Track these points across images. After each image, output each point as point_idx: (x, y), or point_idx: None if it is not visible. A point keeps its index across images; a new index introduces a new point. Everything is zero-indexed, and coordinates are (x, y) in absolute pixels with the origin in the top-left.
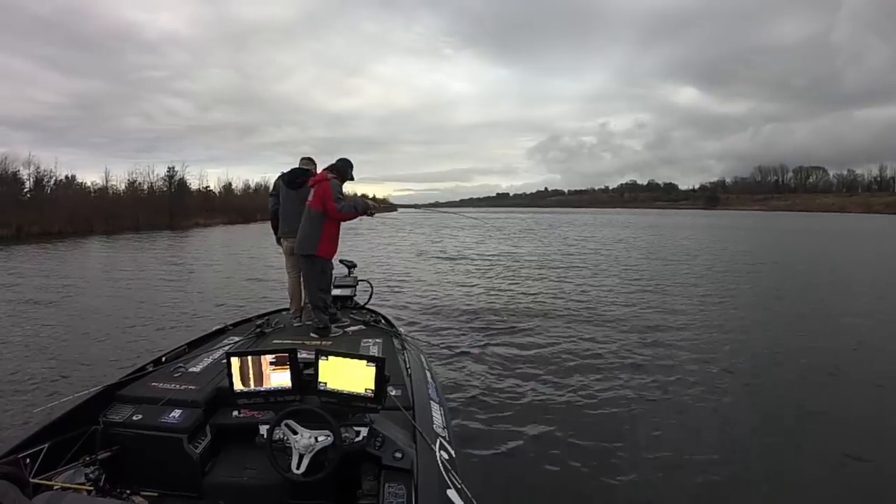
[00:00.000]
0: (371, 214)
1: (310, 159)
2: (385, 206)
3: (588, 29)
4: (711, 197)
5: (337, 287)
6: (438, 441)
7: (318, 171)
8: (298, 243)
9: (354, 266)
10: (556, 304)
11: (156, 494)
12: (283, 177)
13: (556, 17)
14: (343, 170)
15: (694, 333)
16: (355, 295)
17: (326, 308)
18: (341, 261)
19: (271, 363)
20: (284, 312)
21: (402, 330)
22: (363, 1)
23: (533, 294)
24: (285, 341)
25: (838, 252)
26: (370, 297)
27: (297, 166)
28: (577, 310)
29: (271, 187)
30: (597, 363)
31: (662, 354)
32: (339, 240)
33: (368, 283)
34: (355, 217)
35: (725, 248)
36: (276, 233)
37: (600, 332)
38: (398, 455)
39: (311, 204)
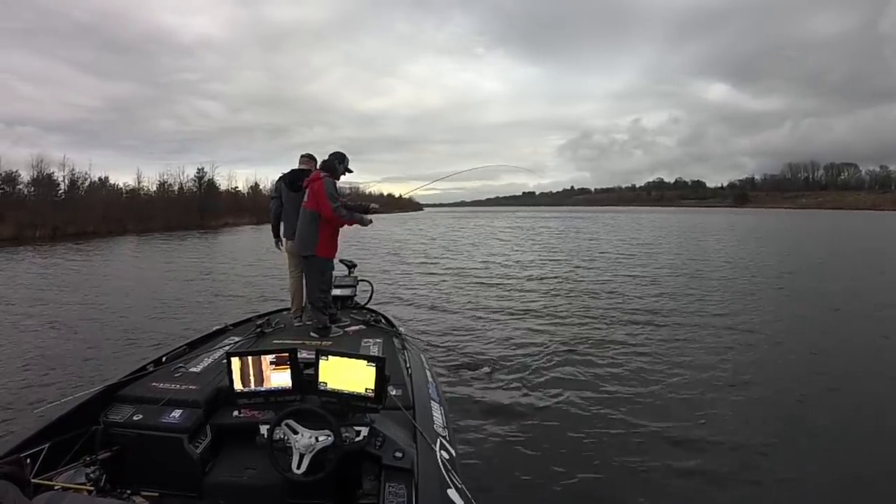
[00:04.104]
0: (365, 223)
1: (310, 157)
2: (392, 204)
3: (619, 26)
4: (740, 195)
5: (337, 287)
6: (439, 441)
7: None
8: (297, 244)
9: (354, 266)
10: (558, 305)
11: (156, 494)
12: (283, 178)
13: (586, 16)
14: (333, 165)
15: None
16: (355, 295)
17: (326, 308)
18: (341, 260)
19: (272, 363)
20: (285, 312)
21: (402, 330)
22: (396, 1)
23: (534, 294)
24: (286, 341)
25: None
26: (370, 297)
27: (296, 167)
28: (582, 309)
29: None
30: (598, 361)
31: (673, 347)
32: (339, 239)
33: (369, 282)
34: (351, 224)
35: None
36: (275, 235)
37: (602, 333)
38: (398, 455)
39: (306, 204)
